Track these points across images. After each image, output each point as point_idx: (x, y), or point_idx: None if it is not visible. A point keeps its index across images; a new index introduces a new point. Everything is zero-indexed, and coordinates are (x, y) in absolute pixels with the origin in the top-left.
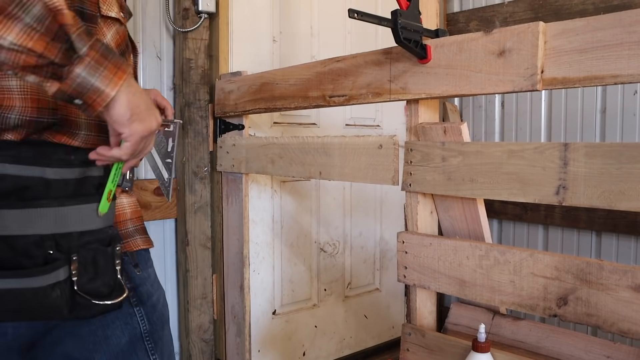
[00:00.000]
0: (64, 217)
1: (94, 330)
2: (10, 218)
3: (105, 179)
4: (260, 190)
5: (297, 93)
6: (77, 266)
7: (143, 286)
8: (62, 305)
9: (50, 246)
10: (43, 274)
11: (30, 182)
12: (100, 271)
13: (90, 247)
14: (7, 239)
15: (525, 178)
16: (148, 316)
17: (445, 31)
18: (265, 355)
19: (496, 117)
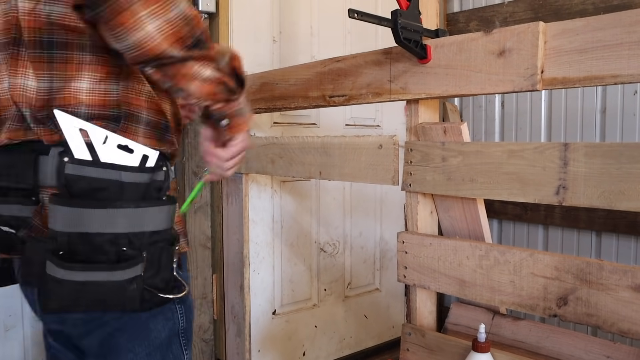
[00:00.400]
0: (139, 217)
1: (138, 323)
2: (91, 217)
3: (165, 184)
4: (260, 190)
5: (297, 93)
6: (145, 263)
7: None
8: (136, 297)
9: (124, 244)
10: (124, 269)
11: (107, 184)
12: (162, 268)
13: (158, 246)
14: (87, 236)
15: (525, 178)
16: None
17: (445, 31)
18: (265, 355)
19: (496, 117)
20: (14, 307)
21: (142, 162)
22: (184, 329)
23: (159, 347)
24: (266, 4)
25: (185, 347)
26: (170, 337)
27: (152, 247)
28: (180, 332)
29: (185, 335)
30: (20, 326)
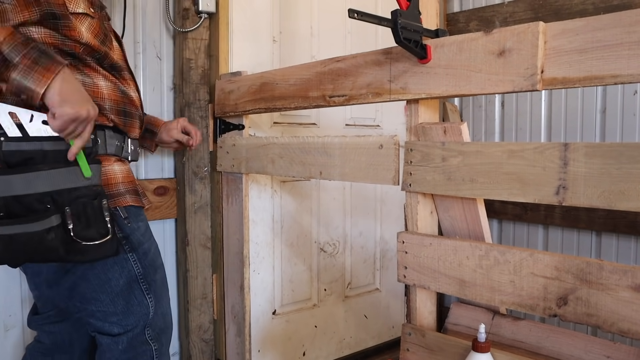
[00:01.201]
0: (54, 178)
1: (97, 274)
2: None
3: (93, 149)
4: (260, 190)
5: (297, 93)
6: (72, 216)
7: (133, 235)
8: (57, 246)
9: (48, 201)
10: (36, 220)
11: (33, 154)
12: (91, 221)
13: (80, 201)
14: (17, 198)
15: (525, 178)
16: (141, 261)
17: (445, 31)
18: (265, 355)
19: (496, 117)
20: (14, 307)
21: None
22: (142, 274)
23: (120, 293)
24: (266, 4)
25: (147, 292)
26: (130, 284)
27: (74, 203)
28: (139, 277)
29: (145, 280)
30: (20, 326)
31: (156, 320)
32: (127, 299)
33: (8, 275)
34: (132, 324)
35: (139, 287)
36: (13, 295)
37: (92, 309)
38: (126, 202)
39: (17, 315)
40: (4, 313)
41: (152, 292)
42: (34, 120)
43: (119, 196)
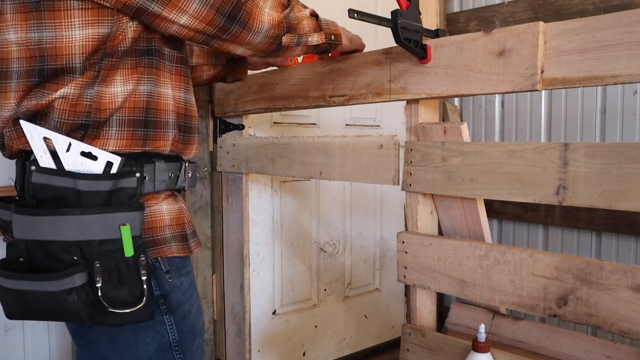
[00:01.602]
0: (84, 225)
1: (126, 335)
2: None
3: (137, 191)
4: (260, 190)
5: (297, 93)
6: (102, 273)
7: (174, 294)
8: (79, 310)
9: (75, 252)
10: (56, 279)
11: (66, 192)
12: (124, 280)
13: (112, 256)
14: (40, 243)
15: (525, 178)
16: (178, 326)
17: (445, 31)
18: (265, 355)
19: (496, 117)
20: None
21: (105, 169)
22: (178, 341)
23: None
24: None
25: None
26: (162, 351)
27: (104, 257)
28: (174, 345)
29: (180, 349)
30: (20, 326)
31: None
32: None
33: None
34: None
35: (172, 356)
36: None
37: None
38: (170, 253)
39: None
40: None
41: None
42: (72, 149)
43: (162, 244)
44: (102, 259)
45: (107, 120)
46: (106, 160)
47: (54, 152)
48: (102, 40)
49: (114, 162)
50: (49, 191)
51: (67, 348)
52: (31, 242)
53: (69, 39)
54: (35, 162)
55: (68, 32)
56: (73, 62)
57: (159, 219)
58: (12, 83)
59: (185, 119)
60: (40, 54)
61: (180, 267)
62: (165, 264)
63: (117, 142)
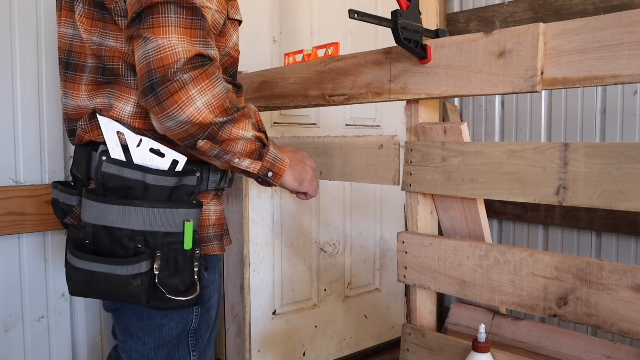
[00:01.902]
0: (152, 217)
1: (153, 315)
2: (110, 212)
3: (196, 189)
4: (261, 190)
5: (297, 92)
6: (161, 261)
7: (207, 288)
8: (140, 293)
9: (139, 241)
10: (125, 264)
11: (134, 184)
12: (179, 270)
13: (173, 247)
14: (108, 229)
15: (525, 178)
16: (201, 316)
17: (445, 31)
18: (265, 355)
19: (496, 117)
20: (14, 307)
21: (171, 166)
22: (195, 329)
23: (167, 344)
24: (266, 4)
25: (192, 349)
26: (180, 337)
27: (166, 248)
28: (190, 332)
29: (194, 337)
30: (20, 326)
31: None
32: (170, 351)
33: (8, 276)
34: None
35: (187, 342)
36: (13, 295)
37: (130, 345)
38: (212, 251)
39: (17, 315)
40: (4, 313)
41: (197, 350)
42: (142, 145)
43: (207, 242)
44: (163, 249)
45: None
46: (172, 159)
47: (125, 145)
48: None
49: (179, 161)
50: (117, 181)
51: (66, 347)
52: (99, 227)
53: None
54: (106, 153)
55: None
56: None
57: (206, 218)
58: (84, 76)
59: None
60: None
61: (216, 264)
62: (205, 260)
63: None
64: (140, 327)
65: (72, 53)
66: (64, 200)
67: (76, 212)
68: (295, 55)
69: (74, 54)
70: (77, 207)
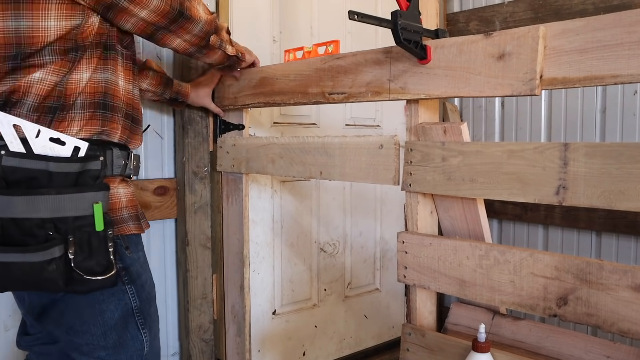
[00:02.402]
0: (60, 203)
1: (91, 304)
2: (16, 203)
3: (101, 173)
4: (260, 190)
5: (296, 89)
6: (75, 246)
7: (133, 266)
8: (57, 278)
9: (49, 228)
10: (37, 251)
11: (37, 173)
12: (94, 252)
13: (85, 230)
14: (16, 221)
15: (525, 178)
16: (138, 293)
17: (445, 31)
18: (265, 355)
19: (496, 117)
20: (14, 307)
21: (73, 153)
22: (139, 308)
23: (114, 327)
24: (266, 4)
25: (142, 326)
26: (125, 317)
27: (78, 232)
28: (135, 311)
29: (141, 314)
30: None
31: (150, 357)
32: (120, 334)
33: None
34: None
35: (134, 320)
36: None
37: (79, 341)
38: (129, 230)
39: (17, 315)
40: (4, 313)
41: (147, 326)
42: (41, 135)
43: (121, 223)
44: (75, 233)
45: (73, 104)
46: (74, 145)
47: (23, 138)
48: (73, 32)
49: (81, 147)
50: (19, 173)
51: None
52: (6, 220)
53: (44, 28)
54: (4, 147)
55: (44, 22)
56: (47, 49)
57: (117, 200)
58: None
59: (133, 111)
60: (17, 42)
61: (136, 243)
62: (125, 240)
63: (80, 123)
64: (82, 320)
65: None
66: None
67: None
68: (296, 52)
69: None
70: None
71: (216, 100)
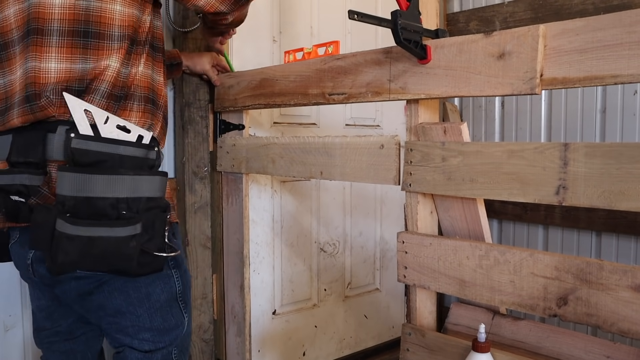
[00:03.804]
0: (136, 184)
1: (138, 287)
2: (94, 183)
3: (157, 162)
4: (260, 190)
5: (296, 90)
6: (142, 226)
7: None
8: (134, 256)
9: (123, 208)
10: (124, 225)
11: (108, 157)
12: (155, 234)
13: (153, 212)
14: (91, 200)
15: (525, 178)
16: (182, 279)
17: (445, 31)
18: (265, 355)
19: (496, 117)
20: (14, 307)
21: (138, 140)
22: (182, 292)
23: (159, 309)
24: (266, 4)
25: (184, 310)
26: (169, 301)
27: (147, 213)
28: (179, 295)
29: (183, 299)
30: (20, 326)
31: (185, 339)
32: (164, 316)
33: (8, 275)
34: (167, 341)
35: (178, 305)
36: (13, 295)
37: (124, 323)
38: (174, 219)
39: (17, 315)
40: (4, 313)
41: (188, 310)
42: (109, 122)
43: (169, 211)
44: (145, 214)
45: (133, 94)
46: (138, 134)
47: (93, 124)
48: (135, 22)
49: (144, 136)
50: (91, 156)
51: None
52: (80, 199)
53: (111, 11)
54: (74, 130)
55: (112, 5)
56: (114, 34)
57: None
58: (54, 39)
59: (167, 112)
60: (85, 19)
61: (177, 232)
62: (172, 228)
63: (137, 114)
64: (129, 302)
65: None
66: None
67: (42, 192)
68: (296, 53)
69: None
70: (43, 186)
71: (216, 101)
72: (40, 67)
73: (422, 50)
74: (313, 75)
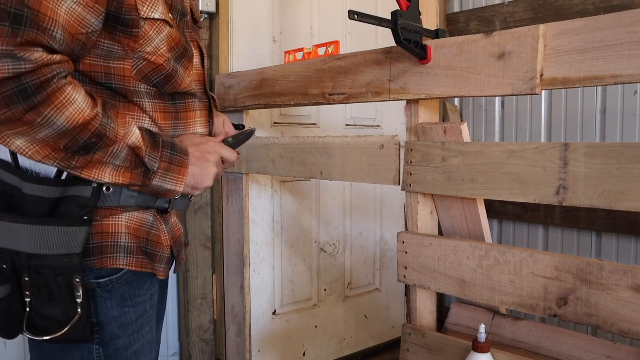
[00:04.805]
0: (12, 234)
1: (54, 352)
2: None
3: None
4: (261, 190)
5: (296, 90)
6: (31, 287)
7: (108, 325)
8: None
9: (6, 260)
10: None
11: (14, 191)
12: (55, 298)
13: (44, 272)
14: None
15: (525, 178)
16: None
17: (445, 31)
18: (265, 355)
19: (496, 117)
20: None
21: (57, 174)
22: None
23: None
24: (266, 4)
25: None
26: None
27: (33, 272)
28: None
29: None
30: None
31: None
32: None
33: None
34: None
35: None
36: None
37: None
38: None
39: None
40: None
41: None
42: None
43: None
44: (31, 274)
45: None
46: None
47: None
48: None
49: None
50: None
51: None
52: None
53: None
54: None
55: None
56: None
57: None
58: None
59: None
60: None
61: (129, 296)
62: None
63: None
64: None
65: None
66: None
67: None
68: (296, 53)
69: None
70: None
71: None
72: None
73: (422, 50)
74: (313, 75)
